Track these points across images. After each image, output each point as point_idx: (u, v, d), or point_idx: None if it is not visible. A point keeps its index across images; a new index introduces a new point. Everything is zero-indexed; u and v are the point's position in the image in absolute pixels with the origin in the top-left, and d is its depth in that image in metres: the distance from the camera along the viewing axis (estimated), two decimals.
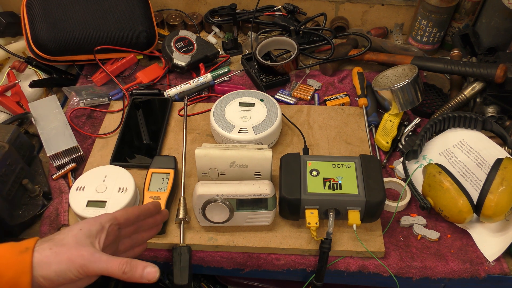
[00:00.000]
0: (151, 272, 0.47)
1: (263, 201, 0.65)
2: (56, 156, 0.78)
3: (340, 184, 0.66)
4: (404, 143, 0.83)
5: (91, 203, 0.69)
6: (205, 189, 0.65)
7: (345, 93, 0.94)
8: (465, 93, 0.85)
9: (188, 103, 0.92)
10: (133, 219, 0.55)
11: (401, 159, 0.80)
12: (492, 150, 0.75)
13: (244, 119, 0.79)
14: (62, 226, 0.72)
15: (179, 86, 0.94)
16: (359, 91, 0.92)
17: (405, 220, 0.72)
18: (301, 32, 1.04)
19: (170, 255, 0.70)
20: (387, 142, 0.82)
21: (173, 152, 0.83)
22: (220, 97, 0.85)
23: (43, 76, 0.96)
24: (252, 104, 0.82)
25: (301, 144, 0.84)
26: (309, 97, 0.94)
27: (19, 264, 0.42)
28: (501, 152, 0.75)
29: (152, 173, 0.75)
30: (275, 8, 1.08)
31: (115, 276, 0.46)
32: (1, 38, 1.01)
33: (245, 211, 0.67)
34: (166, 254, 0.70)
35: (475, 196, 0.67)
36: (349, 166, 0.69)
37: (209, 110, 0.89)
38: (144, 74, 0.97)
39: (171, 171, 0.75)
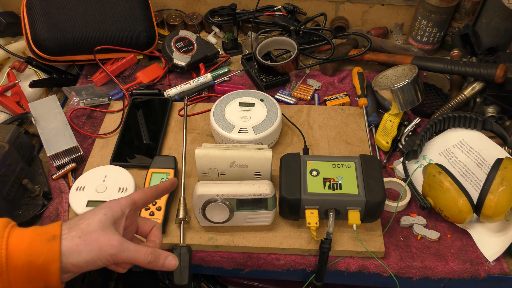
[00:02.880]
0: (171, 261, 0.51)
1: (263, 201, 0.65)
2: (56, 156, 0.78)
3: (340, 184, 0.66)
4: (404, 143, 0.83)
5: (91, 203, 0.69)
6: (205, 189, 0.65)
7: (345, 93, 0.94)
8: (465, 93, 0.85)
9: (188, 103, 0.92)
10: (150, 201, 0.55)
11: (401, 159, 0.80)
12: (492, 150, 0.75)
13: (244, 119, 0.79)
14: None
15: (179, 86, 0.94)
16: (359, 91, 0.92)
17: (405, 220, 0.72)
18: (301, 32, 1.04)
19: None
20: (387, 142, 0.82)
21: (173, 152, 0.83)
22: (220, 97, 0.85)
23: (43, 76, 0.96)
24: (252, 104, 0.82)
25: (301, 144, 0.84)
26: (309, 97, 0.94)
27: (48, 252, 0.43)
28: (501, 152, 0.75)
29: (152, 173, 0.75)
30: (275, 8, 1.08)
31: (140, 265, 0.49)
32: (1, 38, 1.01)
33: (245, 211, 0.67)
34: None
35: (475, 196, 0.67)
36: (349, 166, 0.69)
37: (209, 110, 0.89)
38: (144, 74, 0.98)
39: (171, 171, 0.75)
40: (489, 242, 0.69)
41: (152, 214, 0.70)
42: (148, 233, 0.57)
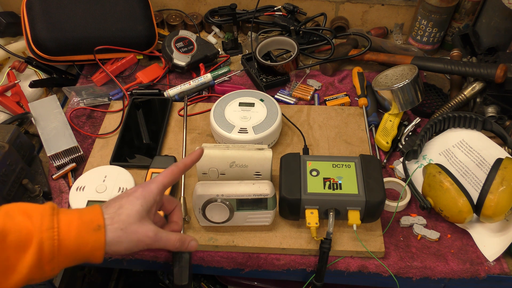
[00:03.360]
0: (193, 245, 0.57)
1: (263, 201, 0.65)
2: (56, 156, 0.78)
3: (340, 184, 0.66)
4: (404, 143, 0.83)
5: (91, 203, 0.69)
6: (205, 189, 0.65)
7: (345, 93, 0.95)
8: (465, 93, 0.85)
9: (188, 103, 0.92)
10: (178, 179, 0.59)
11: (401, 159, 0.80)
12: (492, 150, 0.75)
13: (244, 119, 0.79)
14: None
15: (179, 86, 0.94)
16: (359, 91, 0.92)
17: (405, 220, 0.72)
18: (301, 32, 1.04)
19: (170, 255, 0.70)
20: (387, 142, 0.82)
21: (173, 152, 0.83)
22: (220, 97, 0.85)
23: (43, 76, 0.96)
24: (252, 104, 0.82)
25: (301, 144, 0.84)
26: (309, 97, 0.94)
27: (95, 242, 0.48)
28: (501, 152, 0.75)
29: (152, 173, 0.75)
30: (275, 8, 1.08)
31: (168, 250, 0.57)
32: (1, 38, 1.01)
33: (245, 211, 0.67)
34: (166, 254, 0.70)
35: (475, 196, 0.67)
36: (349, 166, 0.69)
37: (209, 110, 0.89)
38: (144, 74, 0.98)
39: None
40: (489, 242, 0.69)
41: None
42: (171, 212, 0.61)
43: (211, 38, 1.11)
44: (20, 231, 0.45)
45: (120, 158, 0.81)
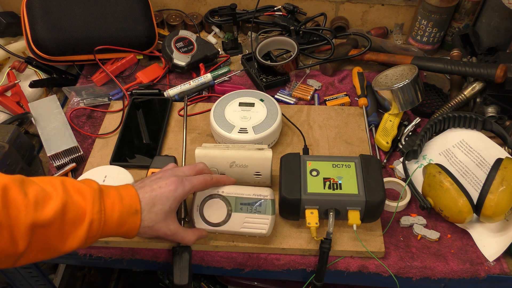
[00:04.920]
0: (203, 235, 0.66)
1: (262, 203, 0.65)
2: (56, 156, 0.78)
3: (340, 184, 0.66)
4: (404, 143, 0.83)
5: None
6: None
7: (345, 93, 0.95)
8: (465, 93, 0.85)
9: (188, 103, 0.92)
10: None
11: (401, 159, 0.80)
12: (492, 150, 0.75)
13: (244, 119, 0.79)
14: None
15: (179, 86, 0.94)
16: (359, 91, 0.92)
17: (405, 220, 0.72)
18: (301, 32, 1.04)
19: (170, 255, 0.70)
20: (387, 142, 0.82)
21: (173, 152, 0.83)
22: (220, 97, 0.85)
23: (43, 76, 0.96)
24: (252, 104, 0.82)
25: (301, 144, 0.84)
26: (309, 97, 0.94)
27: (131, 224, 0.56)
28: (501, 152, 0.75)
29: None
30: (275, 8, 1.08)
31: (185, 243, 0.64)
32: (1, 38, 1.01)
33: (243, 212, 0.66)
34: (166, 254, 0.70)
35: (475, 196, 0.67)
36: (349, 166, 0.69)
37: (209, 110, 0.89)
38: (144, 74, 0.98)
39: None
40: (489, 242, 0.69)
41: None
42: None
43: (211, 38, 1.11)
44: (77, 209, 0.51)
45: (120, 158, 0.81)
